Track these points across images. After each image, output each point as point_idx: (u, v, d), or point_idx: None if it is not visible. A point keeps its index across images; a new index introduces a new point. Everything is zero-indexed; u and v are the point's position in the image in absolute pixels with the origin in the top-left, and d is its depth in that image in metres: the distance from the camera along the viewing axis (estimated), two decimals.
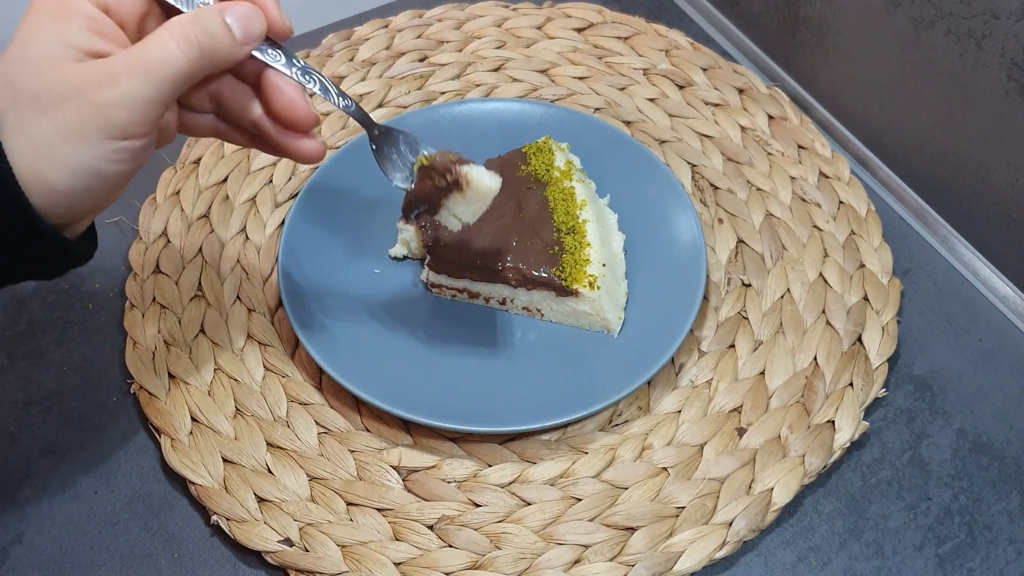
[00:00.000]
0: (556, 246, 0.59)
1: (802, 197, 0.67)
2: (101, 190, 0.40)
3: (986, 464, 0.56)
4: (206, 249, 0.63)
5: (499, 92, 0.73)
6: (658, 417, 0.57)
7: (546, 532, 0.52)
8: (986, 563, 0.52)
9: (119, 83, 0.38)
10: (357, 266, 0.62)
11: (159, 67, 0.39)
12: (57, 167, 0.38)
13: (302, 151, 0.46)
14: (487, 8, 0.79)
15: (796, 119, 0.71)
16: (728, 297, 0.62)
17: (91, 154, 0.39)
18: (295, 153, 0.46)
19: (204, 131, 0.47)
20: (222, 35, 0.40)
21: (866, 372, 0.58)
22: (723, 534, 0.52)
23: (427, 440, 0.56)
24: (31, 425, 0.57)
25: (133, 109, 0.38)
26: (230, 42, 0.41)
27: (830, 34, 0.72)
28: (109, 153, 0.39)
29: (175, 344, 0.59)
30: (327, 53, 0.75)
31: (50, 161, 0.38)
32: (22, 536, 0.53)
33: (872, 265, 0.63)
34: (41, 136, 0.38)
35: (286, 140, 0.45)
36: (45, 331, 0.61)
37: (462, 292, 0.61)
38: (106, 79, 0.38)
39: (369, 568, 0.51)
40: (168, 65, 0.39)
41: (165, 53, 0.39)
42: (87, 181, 0.39)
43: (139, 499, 0.54)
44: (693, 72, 0.74)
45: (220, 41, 0.40)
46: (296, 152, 0.46)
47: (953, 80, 0.63)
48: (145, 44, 0.39)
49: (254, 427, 0.56)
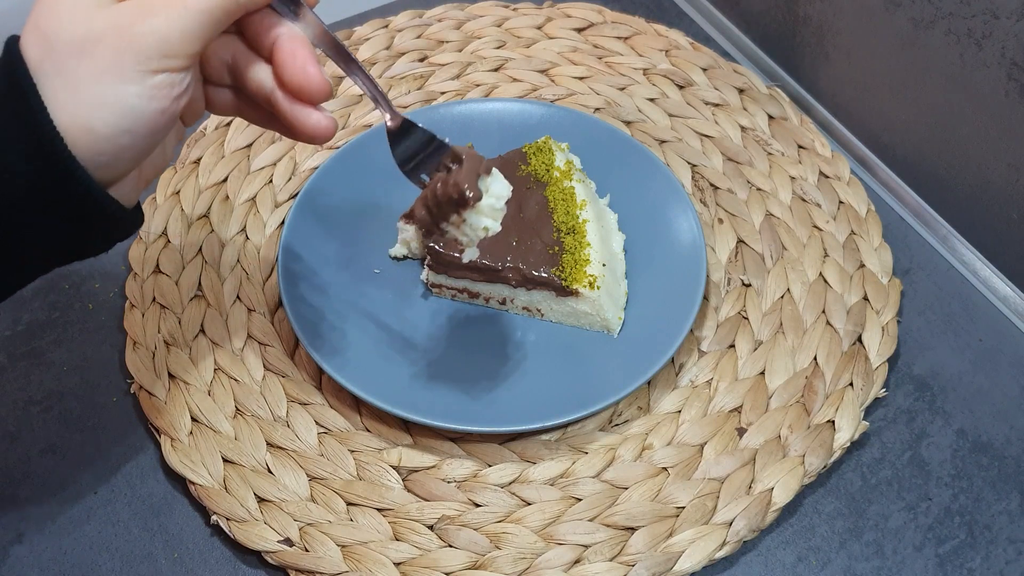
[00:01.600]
0: (556, 246, 0.59)
1: (802, 197, 0.67)
2: (142, 133, 0.40)
3: (986, 464, 0.56)
4: (206, 249, 0.63)
5: (499, 92, 0.73)
6: (658, 417, 0.57)
7: (546, 532, 0.52)
8: (986, 563, 0.52)
9: (157, 15, 0.38)
10: (357, 266, 0.62)
11: (195, 2, 0.39)
12: (97, 108, 0.38)
13: (310, 124, 0.45)
14: (487, 8, 0.79)
15: (796, 119, 0.71)
16: (728, 297, 0.62)
17: (131, 91, 0.39)
18: (304, 127, 0.45)
19: (226, 108, 0.47)
20: None
21: (866, 372, 0.58)
22: (723, 534, 0.52)
23: (427, 440, 0.56)
24: (31, 425, 0.57)
25: (171, 40, 0.39)
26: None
27: (830, 34, 0.72)
28: (148, 89, 0.39)
29: (175, 344, 0.59)
30: None
31: (90, 104, 0.38)
32: (22, 536, 0.53)
33: (872, 265, 0.63)
34: (79, 80, 0.38)
35: (295, 113, 0.44)
36: (45, 331, 0.61)
37: (462, 292, 0.61)
38: (142, 14, 0.38)
39: (369, 568, 0.51)
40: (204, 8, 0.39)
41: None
42: (128, 121, 0.39)
43: (139, 499, 0.54)
44: (693, 72, 0.74)
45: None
46: (304, 125, 0.45)
47: (953, 80, 0.63)
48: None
49: (254, 427, 0.56)
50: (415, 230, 0.60)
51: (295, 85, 0.43)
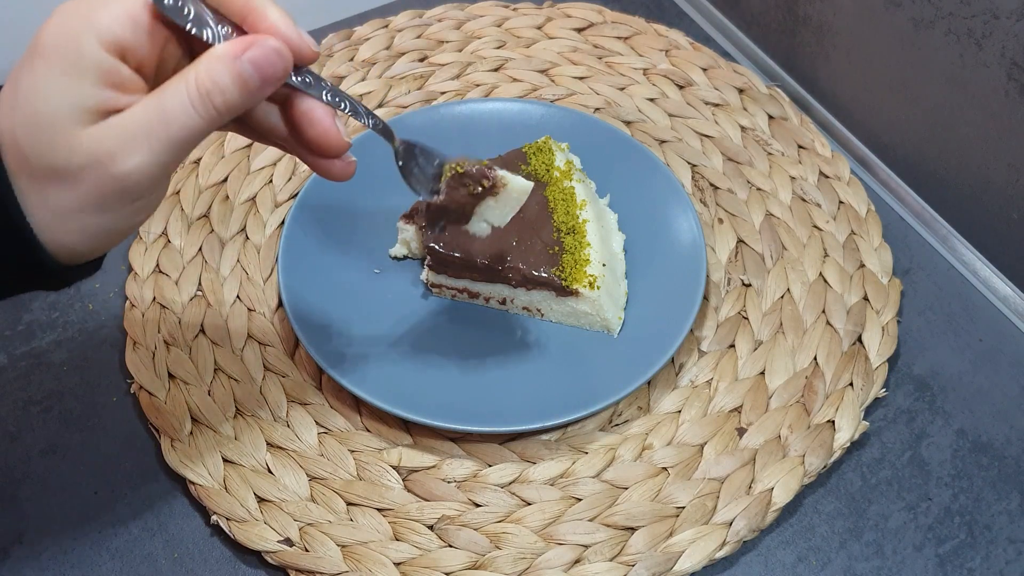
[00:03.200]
0: (556, 246, 0.59)
1: (802, 197, 0.67)
2: (120, 239, 0.40)
3: (986, 464, 0.56)
4: (206, 249, 0.63)
5: (499, 92, 0.73)
6: (658, 417, 0.57)
7: (546, 532, 0.52)
8: (986, 563, 0.52)
9: (139, 150, 0.36)
10: (357, 266, 0.62)
11: (179, 131, 0.37)
12: (77, 233, 0.38)
13: (333, 172, 0.44)
14: (487, 8, 0.79)
15: (796, 119, 0.71)
16: (728, 297, 0.62)
17: (111, 219, 0.38)
18: (325, 173, 0.44)
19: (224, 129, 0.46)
20: (238, 91, 0.37)
21: (866, 372, 0.58)
22: (723, 534, 0.52)
23: (427, 440, 0.56)
24: (31, 425, 0.57)
25: (153, 174, 0.37)
26: (247, 95, 0.38)
27: (830, 34, 0.72)
28: (128, 215, 0.38)
29: (175, 344, 0.59)
30: (327, 53, 0.75)
31: (70, 229, 0.37)
32: (22, 536, 0.53)
33: (872, 265, 0.63)
34: (60, 208, 0.37)
35: (316, 162, 0.44)
36: (45, 331, 0.61)
37: (462, 292, 0.60)
38: (124, 147, 0.36)
39: (369, 568, 0.51)
40: (186, 129, 0.37)
41: (185, 118, 0.37)
42: (107, 240, 0.39)
43: (139, 499, 0.54)
44: (693, 72, 0.74)
45: (235, 97, 0.38)
46: (327, 172, 0.44)
47: (953, 80, 0.63)
48: (162, 102, 0.37)
49: (254, 427, 0.56)
50: (415, 230, 0.60)
51: (317, 147, 0.42)
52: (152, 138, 0.36)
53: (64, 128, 0.36)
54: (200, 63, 0.37)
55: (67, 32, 0.36)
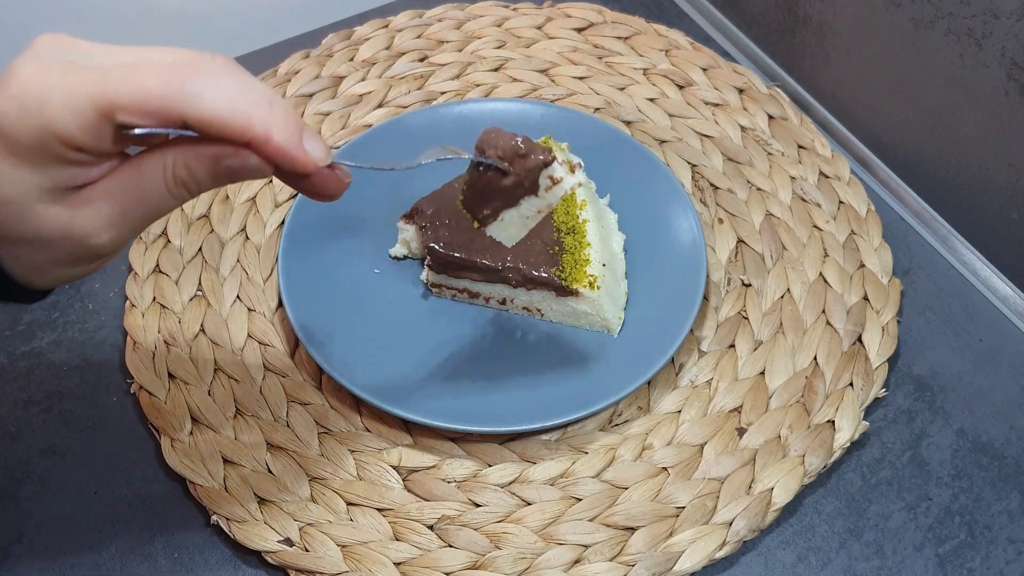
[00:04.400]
0: (556, 246, 0.59)
1: (802, 197, 0.67)
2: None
3: (986, 464, 0.56)
4: (206, 249, 0.63)
5: (499, 92, 0.73)
6: (658, 417, 0.57)
7: (546, 532, 0.52)
8: (986, 563, 0.52)
9: (114, 228, 0.37)
10: (357, 266, 0.62)
11: (154, 211, 0.38)
12: (50, 282, 0.39)
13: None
14: (487, 8, 0.79)
15: (796, 119, 0.71)
16: (728, 297, 0.62)
17: (81, 270, 0.39)
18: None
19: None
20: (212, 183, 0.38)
21: (866, 372, 0.58)
22: (723, 534, 0.52)
23: (427, 440, 0.56)
24: (31, 425, 0.57)
25: (126, 242, 0.38)
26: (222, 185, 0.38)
27: (830, 34, 0.72)
28: (97, 266, 0.40)
29: (175, 344, 0.59)
30: (327, 53, 0.75)
31: (40, 276, 0.38)
32: (22, 536, 0.53)
33: (872, 265, 0.63)
34: (32, 263, 0.38)
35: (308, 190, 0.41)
36: (45, 331, 0.61)
37: (462, 292, 0.60)
38: (99, 227, 0.37)
39: (369, 568, 0.51)
40: (161, 209, 0.38)
41: (160, 199, 0.37)
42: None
43: (139, 499, 0.54)
44: (693, 72, 0.74)
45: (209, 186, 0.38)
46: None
47: (953, 80, 0.63)
48: (140, 183, 0.37)
49: (254, 427, 0.56)
50: (415, 230, 0.60)
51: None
52: (128, 216, 0.37)
53: (31, 207, 0.35)
54: (180, 151, 0.37)
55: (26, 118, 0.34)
